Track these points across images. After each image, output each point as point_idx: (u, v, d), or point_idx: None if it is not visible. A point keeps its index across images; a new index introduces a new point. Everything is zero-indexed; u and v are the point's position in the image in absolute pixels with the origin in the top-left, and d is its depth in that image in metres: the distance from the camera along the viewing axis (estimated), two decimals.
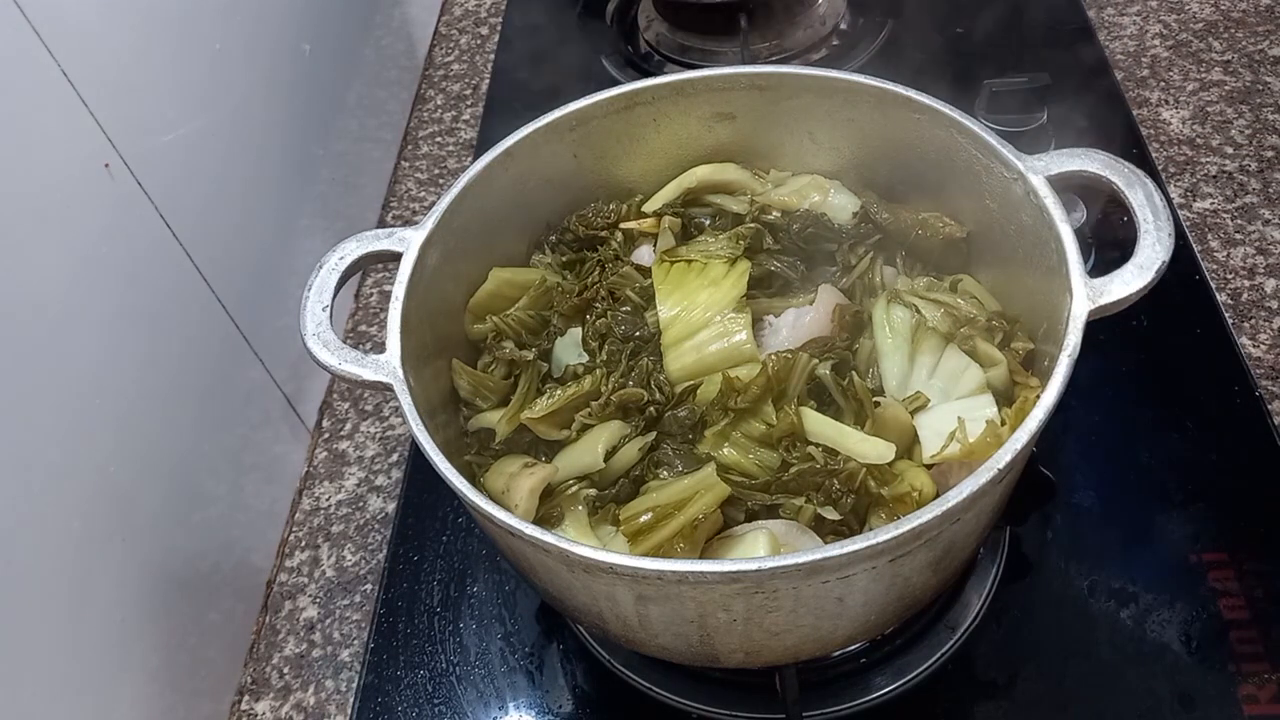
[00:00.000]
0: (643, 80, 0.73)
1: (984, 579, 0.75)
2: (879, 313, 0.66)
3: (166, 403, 0.74)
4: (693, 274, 0.69)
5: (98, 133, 0.68)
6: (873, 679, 0.71)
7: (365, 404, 0.97)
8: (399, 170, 1.18)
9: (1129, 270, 0.57)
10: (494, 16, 1.38)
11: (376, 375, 0.59)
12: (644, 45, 1.20)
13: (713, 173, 0.77)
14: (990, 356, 0.64)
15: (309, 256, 0.65)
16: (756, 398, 0.62)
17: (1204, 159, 1.03)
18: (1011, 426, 0.59)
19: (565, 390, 0.66)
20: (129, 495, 0.69)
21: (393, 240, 0.65)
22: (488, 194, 0.70)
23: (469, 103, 1.26)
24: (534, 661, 0.76)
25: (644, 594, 0.54)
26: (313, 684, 0.80)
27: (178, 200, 0.76)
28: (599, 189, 0.77)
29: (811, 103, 0.73)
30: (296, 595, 0.85)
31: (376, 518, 0.89)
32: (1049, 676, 0.70)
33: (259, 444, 0.87)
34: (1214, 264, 0.94)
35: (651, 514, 0.60)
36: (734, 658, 0.59)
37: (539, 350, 0.70)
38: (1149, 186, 0.59)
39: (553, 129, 0.72)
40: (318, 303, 0.62)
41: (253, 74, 0.90)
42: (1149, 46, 1.16)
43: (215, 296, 0.81)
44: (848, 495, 0.60)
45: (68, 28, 0.65)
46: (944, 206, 0.71)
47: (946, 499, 0.50)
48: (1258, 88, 1.09)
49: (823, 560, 0.50)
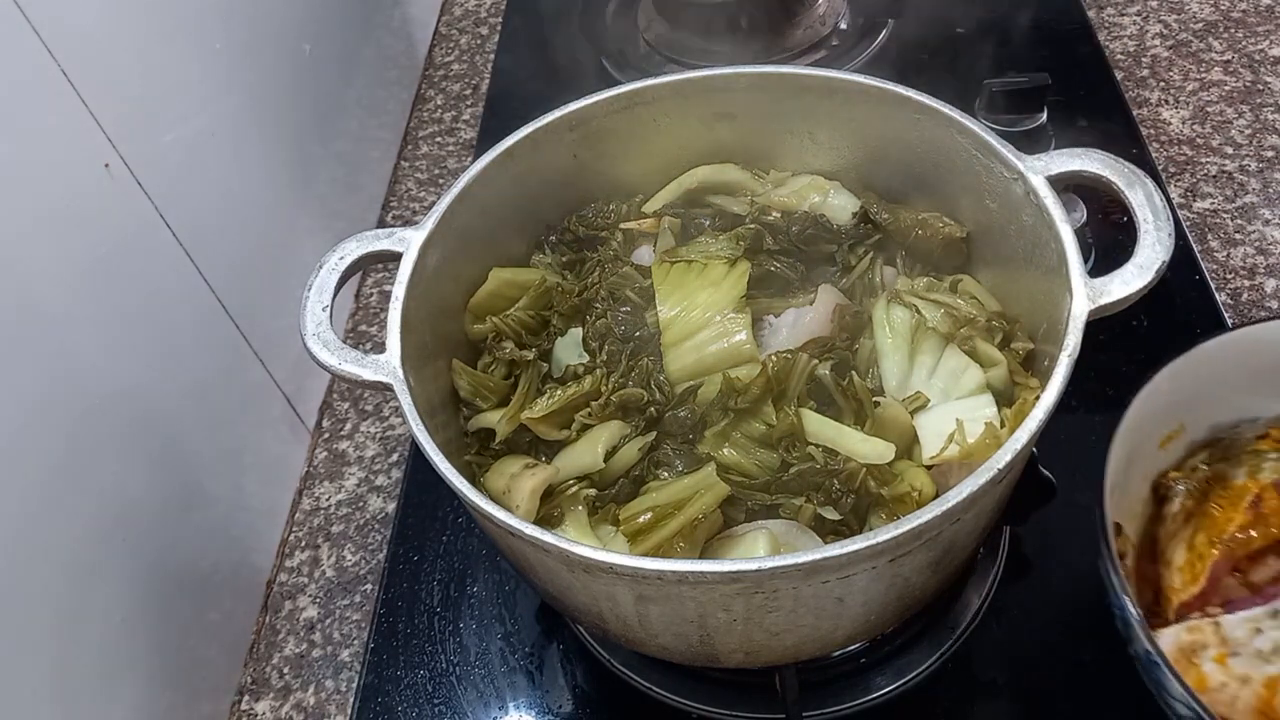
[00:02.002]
0: (643, 80, 0.73)
1: (984, 579, 0.75)
2: (879, 313, 0.66)
3: (166, 402, 0.74)
4: (693, 274, 0.69)
5: (98, 133, 0.68)
6: (873, 679, 0.71)
7: (365, 404, 0.97)
8: (399, 170, 1.19)
9: (1129, 270, 0.57)
10: (494, 16, 1.38)
11: (376, 375, 0.59)
12: (644, 45, 1.20)
13: (713, 173, 0.77)
14: (990, 357, 0.64)
15: (309, 256, 0.65)
16: (756, 398, 0.62)
17: (1204, 159, 1.03)
18: (1011, 427, 0.59)
19: (565, 390, 0.66)
20: (129, 495, 0.69)
21: (393, 240, 0.65)
22: (488, 194, 0.70)
23: (469, 103, 1.26)
24: (534, 661, 0.76)
25: (644, 594, 0.54)
26: (313, 684, 0.80)
27: (178, 200, 0.76)
28: (599, 189, 0.77)
29: (811, 103, 0.73)
30: (296, 595, 0.85)
31: (376, 518, 0.89)
32: (1049, 676, 0.70)
33: (259, 444, 0.87)
34: (1214, 264, 0.94)
35: (651, 514, 0.60)
36: (734, 658, 0.59)
37: (539, 350, 0.70)
38: (1149, 186, 0.59)
39: (553, 129, 0.72)
40: (318, 303, 0.62)
41: (253, 74, 0.90)
42: (1149, 46, 1.16)
43: (215, 296, 0.81)
44: (848, 495, 0.60)
45: (68, 28, 0.66)
46: (944, 206, 0.71)
47: (946, 499, 0.50)
48: (1258, 88, 1.09)
49: (822, 560, 0.50)
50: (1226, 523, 0.65)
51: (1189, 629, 0.61)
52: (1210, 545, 0.64)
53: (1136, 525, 0.69)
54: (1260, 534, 0.64)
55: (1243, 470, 0.67)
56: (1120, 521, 0.66)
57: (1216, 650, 0.60)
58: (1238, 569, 0.65)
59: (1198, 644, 0.61)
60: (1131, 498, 0.68)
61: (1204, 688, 0.59)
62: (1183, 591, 0.64)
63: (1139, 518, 0.69)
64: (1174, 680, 0.55)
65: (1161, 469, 0.70)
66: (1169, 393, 0.66)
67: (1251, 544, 0.64)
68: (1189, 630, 0.61)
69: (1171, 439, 0.70)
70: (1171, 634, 0.61)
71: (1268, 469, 0.66)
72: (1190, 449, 0.71)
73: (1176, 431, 0.70)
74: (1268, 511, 0.65)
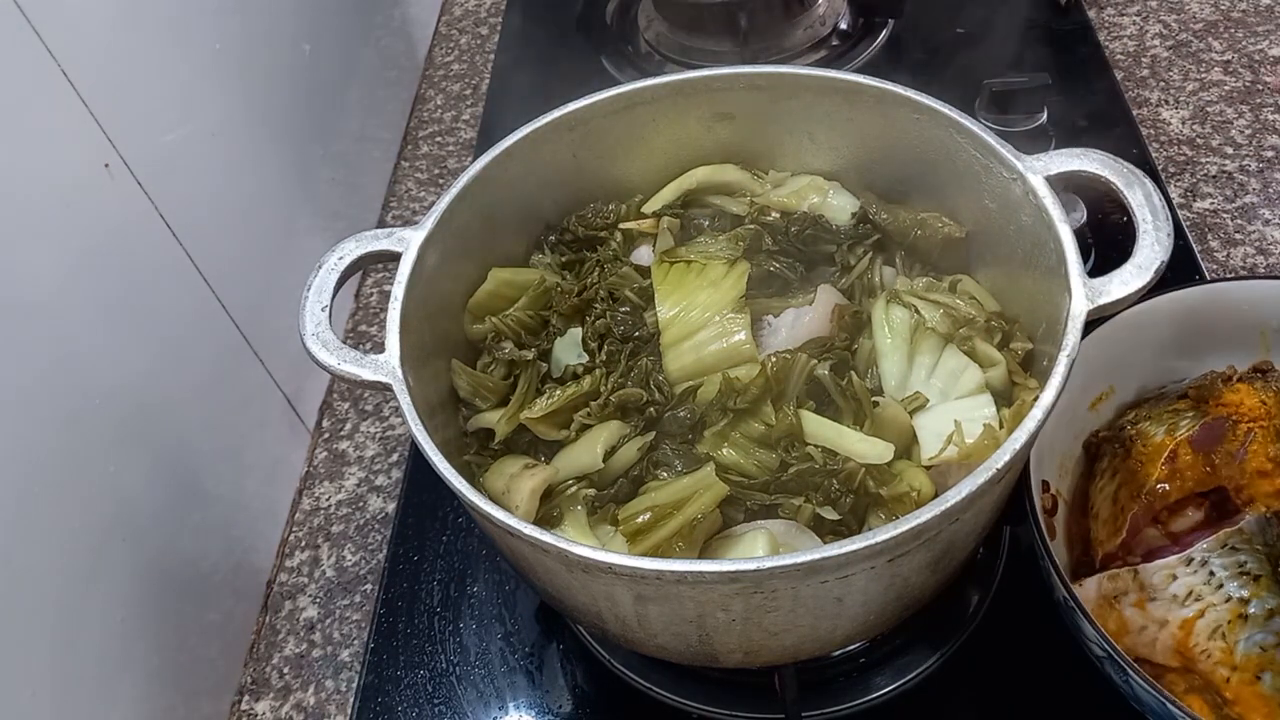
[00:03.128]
0: (642, 80, 0.73)
1: (984, 579, 0.75)
2: (878, 313, 0.66)
3: (166, 402, 0.74)
4: (692, 274, 0.69)
5: (98, 133, 0.68)
6: (872, 679, 0.71)
7: (365, 404, 0.97)
8: (399, 170, 1.19)
9: (1128, 270, 0.57)
10: (494, 16, 1.38)
11: (375, 375, 0.59)
12: (644, 45, 1.20)
13: (712, 174, 0.77)
14: (989, 357, 0.64)
15: (309, 256, 0.65)
16: (756, 398, 0.62)
17: (1204, 159, 1.03)
18: (1009, 427, 0.59)
19: (565, 390, 0.66)
20: (129, 495, 0.69)
21: (392, 240, 0.65)
22: (487, 194, 0.70)
23: (469, 103, 1.26)
24: (534, 661, 0.76)
25: (643, 594, 0.54)
26: (313, 684, 0.80)
27: (178, 200, 0.76)
28: (598, 189, 0.77)
29: (811, 103, 0.73)
30: (296, 595, 0.85)
31: (376, 518, 0.89)
32: (1049, 677, 0.70)
33: (259, 444, 0.87)
34: (1214, 264, 0.94)
35: (650, 514, 0.60)
36: (733, 658, 0.59)
37: (538, 350, 0.70)
38: (1148, 186, 0.59)
39: (552, 129, 0.72)
40: (317, 303, 0.62)
41: (253, 74, 0.90)
42: (1149, 46, 1.16)
43: (215, 296, 0.81)
44: (847, 495, 0.60)
45: (68, 28, 0.66)
46: (943, 207, 0.71)
47: (945, 499, 0.50)
48: (1258, 88, 1.09)
49: (821, 560, 0.50)
50: (1146, 478, 0.69)
51: (1110, 577, 0.66)
52: (1131, 499, 0.69)
53: (1070, 482, 0.73)
54: (1175, 487, 0.68)
55: (1162, 428, 0.71)
56: (1052, 479, 0.71)
57: (1136, 596, 0.64)
58: (1158, 520, 0.69)
59: (1119, 590, 0.65)
60: (1064, 456, 0.73)
61: (1125, 630, 0.64)
62: (1107, 543, 0.69)
63: (1072, 475, 0.74)
64: (1087, 624, 0.59)
65: (1094, 429, 0.75)
66: (1095, 358, 0.70)
67: (1169, 496, 0.68)
68: (1110, 578, 0.66)
69: (1102, 400, 0.74)
70: (1094, 582, 0.66)
71: (1184, 426, 0.70)
72: (1119, 410, 0.76)
73: (1107, 393, 0.74)
74: (1182, 466, 0.68)
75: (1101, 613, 0.65)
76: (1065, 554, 0.71)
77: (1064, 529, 0.71)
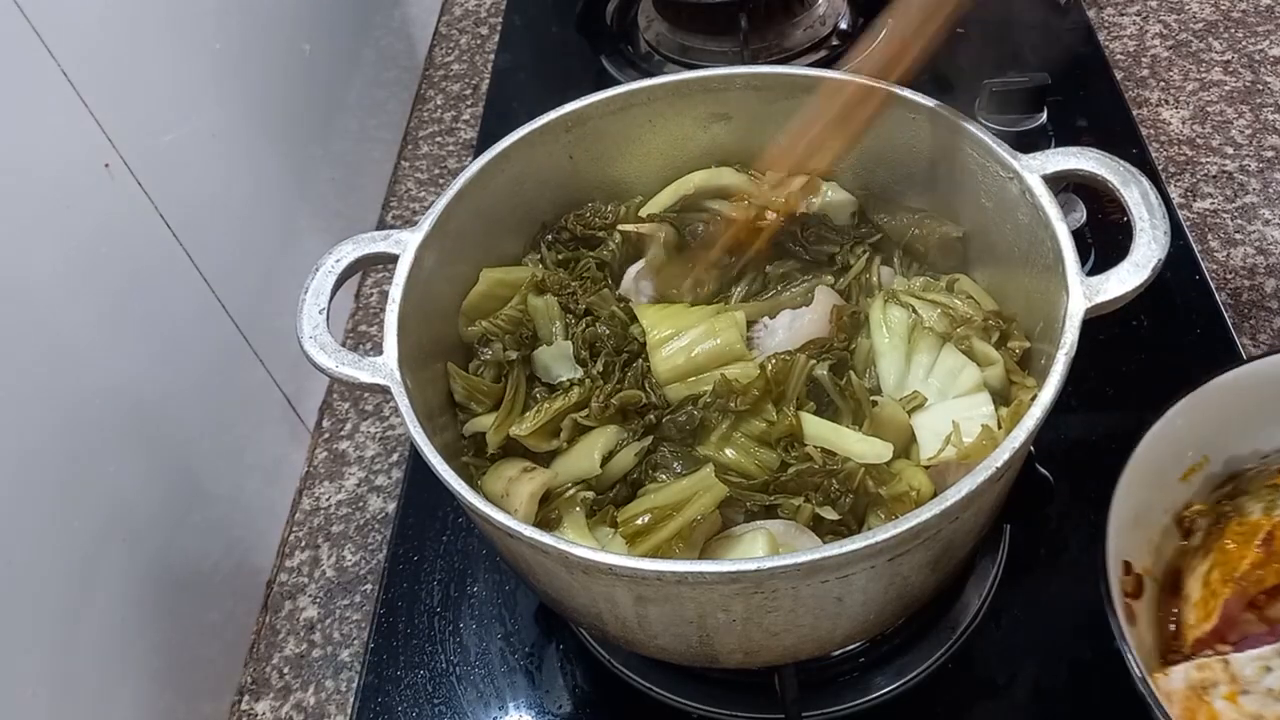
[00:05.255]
0: (638, 81, 0.73)
1: (984, 579, 0.75)
2: (876, 313, 0.66)
3: (166, 402, 0.74)
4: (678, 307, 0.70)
5: (98, 133, 0.68)
6: (872, 679, 0.71)
7: (365, 404, 0.97)
8: (399, 170, 1.19)
9: (1125, 268, 0.57)
10: (494, 16, 1.38)
11: (374, 378, 0.59)
12: (644, 45, 1.20)
13: (709, 178, 0.76)
14: (987, 356, 0.64)
15: (309, 256, 0.65)
16: (755, 400, 0.62)
17: (1204, 159, 1.03)
18: (1008, 426, 0.59)
19: (552, 404, 0.65)
20: (129, 495, 0.70)
21: (389, 242, 0.65)
22: (484, 195, 0.70)
23: (469, 103, 1.26)
24: (534, 661, 0.76)
25: (643, 595, 0.54)
26: (313, 684, 0.80)
27: (178, 200, 0.76)
28: (595, 189, 0.77)
29: (808, 103, 0.73)
30: (296, 595, 0.85)
31: (376, 518, 0.89)
32: (1049, 676, 0.70)
33: (259, 444, 0.87)
34: (1214, 264, 0.94)
35: (650, 515, 0.60)
36: (733, 658, 0.59)
37: (521, 355, 0.69)
38: (1144, 184, 0.59)
39: (548, 130, 0.72)
40: (314, 305, 0.62)
41: (253, 74, 0.90)
42: (1149, 46, 1.16)
43: (215, 296, 0.81)
44: (846, 495, 0.60)
45: (68, 28, 0.66)
46: (940, 206, 0.71)
47: (944, 498, 0.50)
48: (1258, 88, 1.09)
49: (821, 560, 0.50)
50: (1240, 559, 0.64)
51: (1199, 666, 0.60)
52: (1224, 582, 0.63)
53: (1159, 559, 0.67)
54: (1270, 573, 0.63)
55: (1259, 505, 0.66)
56: (1140, 556, 0.65)
57: (1227, 688, 0.59)
58: (1255, 605, 0.64)
59: (1208, 681, 0.60)
60: (1152, 530, 0.67)
61: None
62: (1197, 628, 0.64)
63: (1162, 551, 0.68)
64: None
65: (1186, 501, 0.69)
66: (1185, 426, 0.65)
67: (1264, 581, 0.63)
68: (1199, 668, 0.60)
69: (1194, 471, 0.68)
70: (1182, 671, 0.61)
71: None
72: (1214, 482, 0.70)
73: (1200, 464, 0.68)
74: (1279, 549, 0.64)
75: (1190, 705, 0.59)
76: (1150, 637, 0.65)
77: (1152, 609, 0.66)
